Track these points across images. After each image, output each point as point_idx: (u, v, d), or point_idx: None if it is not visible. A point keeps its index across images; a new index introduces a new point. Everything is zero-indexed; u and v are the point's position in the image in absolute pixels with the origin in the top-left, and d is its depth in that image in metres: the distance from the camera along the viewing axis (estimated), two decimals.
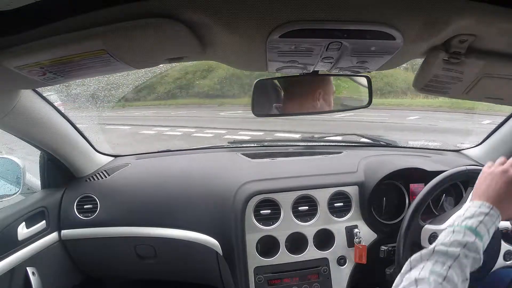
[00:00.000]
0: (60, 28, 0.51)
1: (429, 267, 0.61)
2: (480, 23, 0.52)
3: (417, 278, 0.59)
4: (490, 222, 0.67)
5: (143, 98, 8.57)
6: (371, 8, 0.50)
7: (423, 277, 0.59)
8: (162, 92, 8.63)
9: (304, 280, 1.12)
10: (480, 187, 0.74)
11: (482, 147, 1.41)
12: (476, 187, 0.76)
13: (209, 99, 8.80)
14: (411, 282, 0.60)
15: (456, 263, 0.61)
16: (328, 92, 0.95)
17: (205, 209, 1.22)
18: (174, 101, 8.83)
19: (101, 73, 0.68)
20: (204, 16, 0.50)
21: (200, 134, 5.90)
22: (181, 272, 1.39)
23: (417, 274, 0.60)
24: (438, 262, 0.61)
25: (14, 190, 1.11)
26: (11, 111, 0.85)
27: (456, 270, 0.60)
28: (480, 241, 0.65)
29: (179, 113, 8.31)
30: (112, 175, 1.35)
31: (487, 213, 0.68)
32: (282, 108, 0.97)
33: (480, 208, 0.69)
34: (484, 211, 0.68)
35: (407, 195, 1.23)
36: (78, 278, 1.38)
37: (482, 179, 0.76)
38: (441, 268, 0.60)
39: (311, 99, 0.94)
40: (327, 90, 0.94)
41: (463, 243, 0.64)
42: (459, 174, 1.00)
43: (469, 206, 0.71)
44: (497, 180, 0.73)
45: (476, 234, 0.65)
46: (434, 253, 0.63)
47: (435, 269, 0.60)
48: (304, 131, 4.87)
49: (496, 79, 0.67)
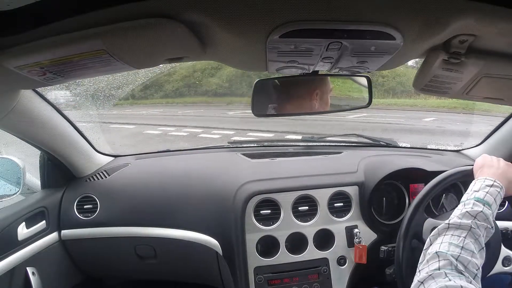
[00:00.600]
0: (60, 28, 0.50)
1: (447, 240, 0.67)
2: (480, 23, 0.52)
3: (438, 251, 0.65)
4: (495, 192, 0.77)
5: (151, 96, 8.51)
6: (371, 8, 0.50)
7: (443, 250, 0.64)
8: (170, 90, 8.55)
9: (304, 280, 1.12)
10: (482, 168, 0.86)
11: (482, 147, 1.41)
12: (476, 168, 0.88)
13: (218, 98, 8.68)
14: (433, 255, 0.65)
15: (470, 234, 0.68)
16: (325, 91, 0.95)
17: (205, 209, 1.22)
18: (182, 100, 8.71)
19: (101, 73, 0.68)
20: (204, 16, 0.50)
21: (207, 135, 5.76)
22: (181, 272, 1.39)
23: (437, 248, 0.66)
24: (454, 235, 0.68)
25: (14, 190, 1.11)
26: (11, 111, 0.85)
27: (471, 240, 0.67)
28: (489, 209, 0.73)
29: (186, 112, 8.18)
30: (112, 175, 1.35)
31: (491, 185, 0.78)
32: (282, 108, 0.98)
33: (485, 181, 0.80)
34: (488, 184, 0.79)
35: (407, 195, 1.23)
36: (78, 278, 1.38)
37: (480, 162, 0.89)
38: (458, 240, 0.66)
39: (309, 99, 0.94)
40: (324, 89, 0.95)
41: (474, 213, 0.71)
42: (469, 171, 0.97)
43: (475, 182, 0.81)
44: (495, 162, 0.86)
45: (484, 203, 0.74)
46: (450, 227, 0.70)
47: (453, 242, 0.66)
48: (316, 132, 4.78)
49: (496, 79, 0.67)
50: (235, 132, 5.78)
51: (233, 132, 5.82)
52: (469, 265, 0.62)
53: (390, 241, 1.08)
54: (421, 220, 0.97)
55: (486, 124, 4.74)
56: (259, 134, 5.32)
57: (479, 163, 0.89)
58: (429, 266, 0.63)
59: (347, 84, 1.04)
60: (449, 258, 0.63)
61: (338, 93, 1.03)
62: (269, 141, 1.81)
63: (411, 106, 7.44)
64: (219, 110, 8.06)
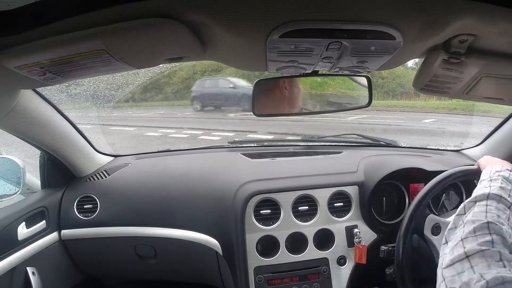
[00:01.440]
0: (60, 28, 0.50)
1: (494, 210, 0.57)
2: (480, 23, 0.52)
3: (490, 221, 0.54)
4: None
5: (151, 98, 8.47)
6: (371, 8, 0.50)
7: (494, 221, 0.54)
8: (170, 92, 8.54)
9: (304, 280, 1.12)
10: (491, 162, 0.81)
11: (482, 147, 1.41)
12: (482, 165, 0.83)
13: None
14: (481, 225, 0.54)
15: (511, 212, 0.59)
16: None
17: (205, 209, 1.22)
18: (182, 102, 8.70)
19: (101, 73, 0.68)
20: (204, 16, 0.50)
21: (207, 137, 5.75)
22: (181, 272, 1.39)
23: (483, 215, 0.56)
24: (499, 209, 0.59)
25: (14, 190, 1.11)
26: (11, 111, 0.85)
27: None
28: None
29: (186, 114, 8.17)
30: (112, 175, 1.35)
31: (511, 170, 0.72)
32: (282, 107, 0.98)
33: (503, 166, 0.73)
34: (509, 168, 0.72)
35: (407, 195, 1.23)
36: (78, 278, 1.38)
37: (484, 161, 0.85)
38: (504, 214, 0.58)
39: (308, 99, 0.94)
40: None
41: (508, 190, 0.63)
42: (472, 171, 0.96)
43: (492, 167, 0.74)
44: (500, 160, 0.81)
45: (510, 181, 0.67)
46: (490, 197, 0.61)
47: (500, 214, 0.57)
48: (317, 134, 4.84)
49: (496, 79, 0.67)
50: (235, 134, 5.77)
51: (233, 134, 5.81)
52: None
53: (390, 241, 1.08)
54: (423, 215, 0.97)
55: (486, 125, 4.71)
56: (258, 136, 5.32)
57: (483, 163, 0.86)
58: (478, 237, 0.52)
59: (347, 83, 1.04)
60: (503, 233, 0.52)
61: (338, 92, 1.03)
62: (269, 141, 1.81)
63: (410, 107, 7.41)
64: (219, 112, 8.08)
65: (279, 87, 0.92)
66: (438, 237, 0.94)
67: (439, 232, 0.95)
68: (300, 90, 0.95)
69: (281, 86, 0.92)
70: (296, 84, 0.94)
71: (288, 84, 0.92)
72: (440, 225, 0.95)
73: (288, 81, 0.92)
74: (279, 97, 0.93)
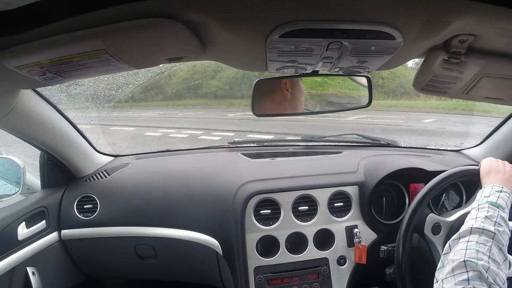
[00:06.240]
0: (60, 28, 0.50)
1: (474, 246, 0.62)
2: (480, 23, 0.52)
3: (466, 260, 0.59)
4: (506, 197, 0.76)
5: (151, 98, 8.48)
6: (371, 7, 0.50)
7: (471, 258, 0.59)
8: (170, 92, 8.54)
9: (304, 280, 1.12)
10: (489, 174, 0.85)
11: (482, 147, 1.41)
12: (484, 174, 0.87)
13: (218, 100, 8.64)
14: (459, 264, 0.58)
15: (495, 242, 0.64)
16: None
17: (205, 209, 1.22)
18: (182, 102, 8.68)
19: (101, 73, 0.68)
20: (204, 16, 0.50)
21: (207, 137, 5.76)
22: (181, 272, 1.39)
23: (462, 254, 0.60)
24: (479, 243, 0.63)
25: (14, 190, 1.11)
26: (11, 111, 0.85)
27: (496, 250, 0.63)
28: (503, 212, 0.71)
29: (186, 114, 8.18)
30: (112, 175, 1.35)
31: (500, 190, 0.77)
32: (282, 107, 0.98)
33: (493, 188, 0.79)
34: (497, 189, 0.78)
35: (407, 195, 1.23)
36: (78, 278, 1.38)
37: (487, 167, 0.88)
38: (484, 248, 0.62)
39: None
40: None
41: (493, 218, 0.69)
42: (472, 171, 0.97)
43: (482, 190, 0.80)
44: (502, 167, 0.85)
45: (498, 206, 0.72)
46: (473, 232, 0.66)
47: (480, 249, 0.61)
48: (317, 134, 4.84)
49: (496, 79, 0.67)
50: (235, 134, 5.78)
51: (233, 134, 5.83)
52: (497, 278, 0.57)
53: (390, 241, 1.07)
54: (424, 214, 0.97)
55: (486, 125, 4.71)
56: (259, 136, 5.32)
57: (486, 168, 0.87)
58: (455, 276, 0.57)
59: (347, 83, 1.04)
60: (479, 269, 0.56)
61: (338, 92, 1.03)
62: (269, 141, 1.81)
63: (410, 107, 7.42)
64: (219, 112, 8.07)
65: (280, 88, 0.92)
66: (439, 237, 0.95)
67: (439, 231, 0.95)
68: (302, 92, 0.95)
69: (282, 87, 0.92)
70: (298, 86, 0.95)
71: (290, 86, 0.92)
72: (441, 225, 0.95)
73: (289, 83, 0.92)
74: (280, 98, 0.93)
